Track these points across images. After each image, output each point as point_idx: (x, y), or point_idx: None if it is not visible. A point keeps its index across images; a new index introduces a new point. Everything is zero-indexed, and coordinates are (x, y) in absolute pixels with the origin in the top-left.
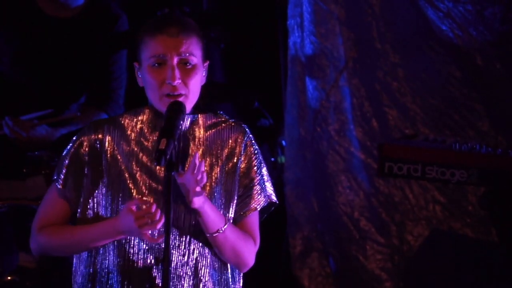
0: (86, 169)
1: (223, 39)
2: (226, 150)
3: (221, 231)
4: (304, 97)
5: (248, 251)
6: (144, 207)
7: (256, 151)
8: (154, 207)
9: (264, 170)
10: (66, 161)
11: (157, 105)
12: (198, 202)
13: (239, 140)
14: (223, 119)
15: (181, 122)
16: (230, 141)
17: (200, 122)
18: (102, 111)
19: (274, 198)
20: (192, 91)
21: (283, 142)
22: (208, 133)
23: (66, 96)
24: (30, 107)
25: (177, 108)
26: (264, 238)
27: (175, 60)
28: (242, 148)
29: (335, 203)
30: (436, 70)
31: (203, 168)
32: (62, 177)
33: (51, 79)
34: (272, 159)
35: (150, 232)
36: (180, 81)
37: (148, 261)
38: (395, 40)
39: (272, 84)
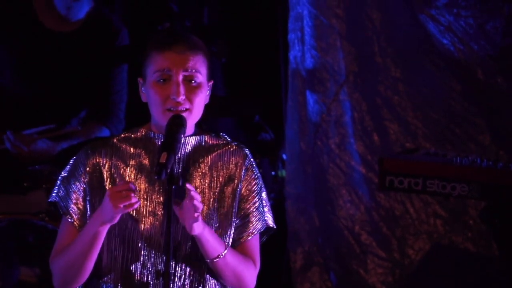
0: (88, 196)
1: (224, 53)
2: (226, 174)
3: (221, 256)
4: (305, 111)
5: (250, 274)
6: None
7: (256, 176)
8: (131, 184)
9: (264, 195)
10: (69, 190)
11: (160, 120)
12: (198, 228)
13: (239, 164)
14: (225, 141)
15: (182, 136)
16: (231, 164)
17: (203, 143)
18: (103, 125)
19: (271, 223)
20: (196, 107)
21: (284, 156)
22: (209, 155)
23: (66, 110)
24: (31, 121)
25: (178, 122)
26: (264, 253)
27: (181, 76)
28: (243, 172)
29: (336, 217)
30: (437, 84)
31: (198, 197)
32: (70, 208)
33: (51, 93)
34: (273, 173)
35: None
36: (184, 97)
37: (149, 275)
38: (396, 54)
39: (273, 98)
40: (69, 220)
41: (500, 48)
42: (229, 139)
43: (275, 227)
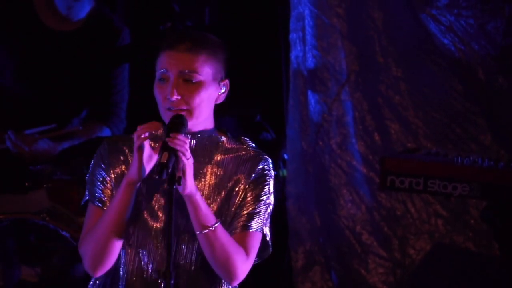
0: (114, 189)
1: None
2: (238, 175)
3: (212, 228)
4: (306, 111)
5: (240, 260)
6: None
7: (267, 183)
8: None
9: (269, 208)
10: (95, 181)
11: (164, 119)
12: (191, 186)
13: (254, 167)
14: (244, 146)
15: (183, 135)
16: (245, 167)
17: (220, 144)
18: (104, 125)
19: (268, 238)
20: (195, 107)
21: (285, 156)
22: (225, 156)
23: (67, 110)
24: (32, 120)
25: (178, 122)
26: None
27: (176, 75)
28: (253, 175)
29: (337, 216)
30: (438, 83)
31: (185, 140)
32: (97, 193)
33: (52, 93)
34: (274, 172)
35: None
36: (179, 97)
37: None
38: (397, 54)
39: (274, 97)
40: (98, 204)
41: (501, 48)
42: (250, 144)
43: (270, 243)
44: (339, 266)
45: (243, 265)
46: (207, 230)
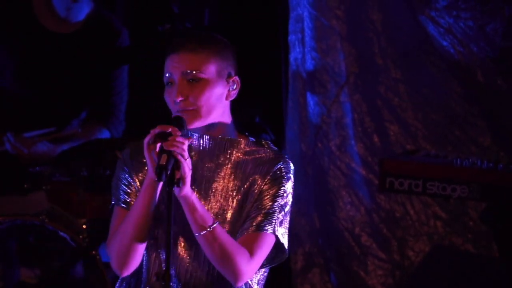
0: (138, 192)
1: None
2: (255, 175)
3: (209, 229)
4: (305, 112)
5: (242, 260)
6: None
7: (282, 185)
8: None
9: (284, 210)
10: (119, 185)
11: None
12: (187, 187)
13: (271, 168)
14: (265, 148)
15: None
16: (263, 168)
17: (242, 145)
18: (103, 126)
19: (282, 239)
20: (202, 106)
21: None
22: (244, 157)
23: (67, 111)
24: (31, 122)
25: (176, 124)
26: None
27: (179, 77)
28: (270, 175)
29: (336, 218)
30: (438, 85)
31: (183, 141)
32: (121, 196)
33: (52, 94)
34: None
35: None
36: (183, 98)
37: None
38: (397, 56)
39: (274, 99)
40: (123, 206)
41: (500, 50)
42: (271, 146)
43: (286, 245)
44: (338, 268)
45: (247, 266)
46: (205, 231)
